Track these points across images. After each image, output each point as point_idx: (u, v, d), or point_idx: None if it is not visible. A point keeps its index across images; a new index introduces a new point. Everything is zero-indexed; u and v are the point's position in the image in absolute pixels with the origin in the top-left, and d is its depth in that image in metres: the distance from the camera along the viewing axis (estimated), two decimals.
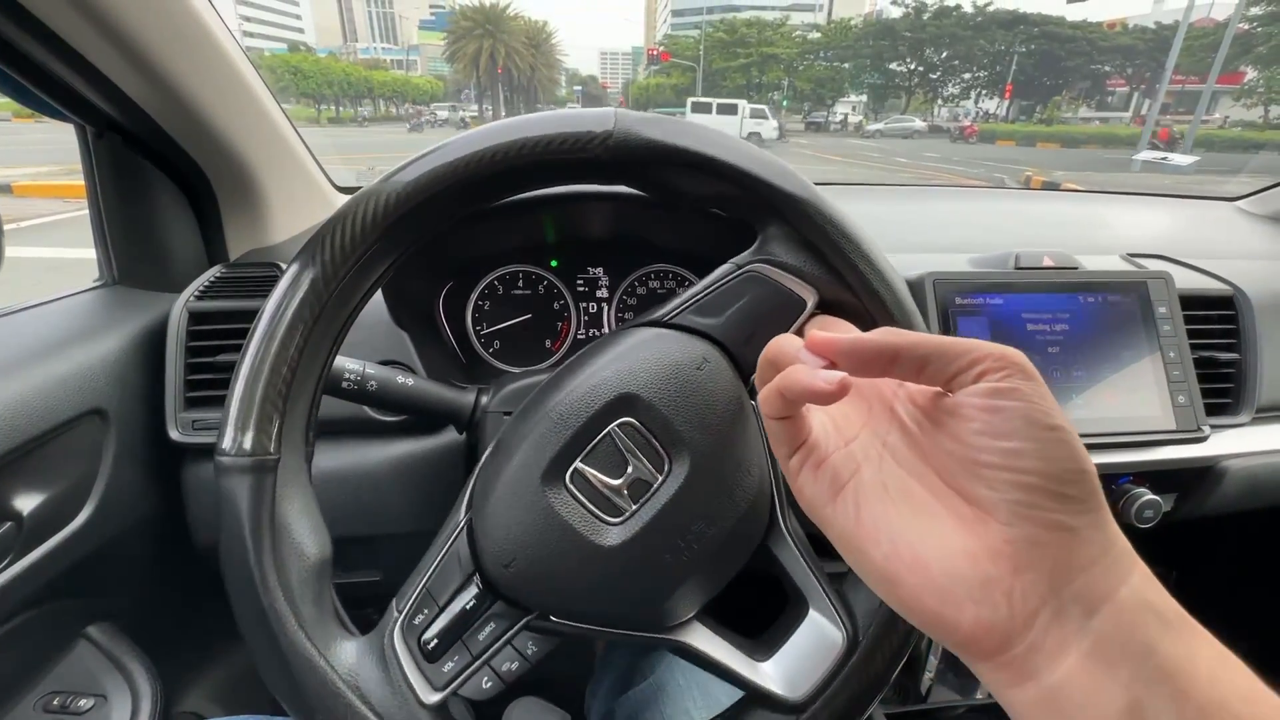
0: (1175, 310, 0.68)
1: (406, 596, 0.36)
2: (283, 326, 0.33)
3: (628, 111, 0.36)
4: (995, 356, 0.23)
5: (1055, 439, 0.22)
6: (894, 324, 0.36)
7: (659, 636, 0.36)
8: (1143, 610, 0.20)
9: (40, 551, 0.51)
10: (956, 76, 41.37)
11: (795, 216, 0.35)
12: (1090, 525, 0.21)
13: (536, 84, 54.91)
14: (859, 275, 0.36)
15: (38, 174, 5.62)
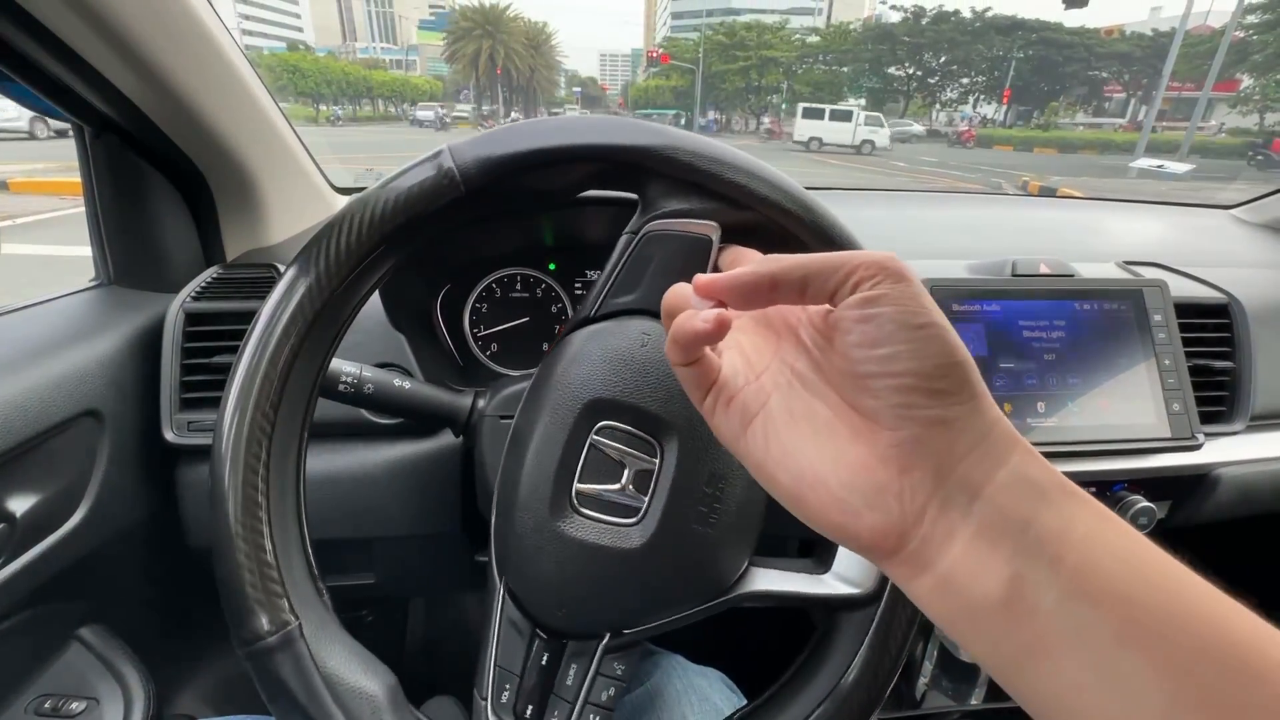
0: (1170, 318, 0.69)
1: (484, 680, 0.36)
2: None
3: (456, 143, 0.35)
4: (866, 264, 0.24)
5: (924, 337, 0.22)
6: (803, 227, 0.36)
7: (727, 599, 0.37)
8: (1021, 487, 0.21)
9: (33, 553, 0.51)
10: (955, 81, 41.52)
11: (662, 165, 0.35)
12: (967, 414, 0.22)
13: (536, 85, 54.93)
14: (744, 190, 0.36)
15: (34, 171, 5.60)
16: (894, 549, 0.23)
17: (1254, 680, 0.17)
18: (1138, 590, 0.19)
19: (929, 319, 0.23)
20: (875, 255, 0.24)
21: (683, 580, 0.36)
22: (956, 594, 0.21)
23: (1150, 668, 0.18)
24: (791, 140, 22.20)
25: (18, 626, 0.53)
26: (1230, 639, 0.17)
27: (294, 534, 0.34)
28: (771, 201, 0.36)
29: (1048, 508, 0.21)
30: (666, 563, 0.35)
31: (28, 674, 0.55)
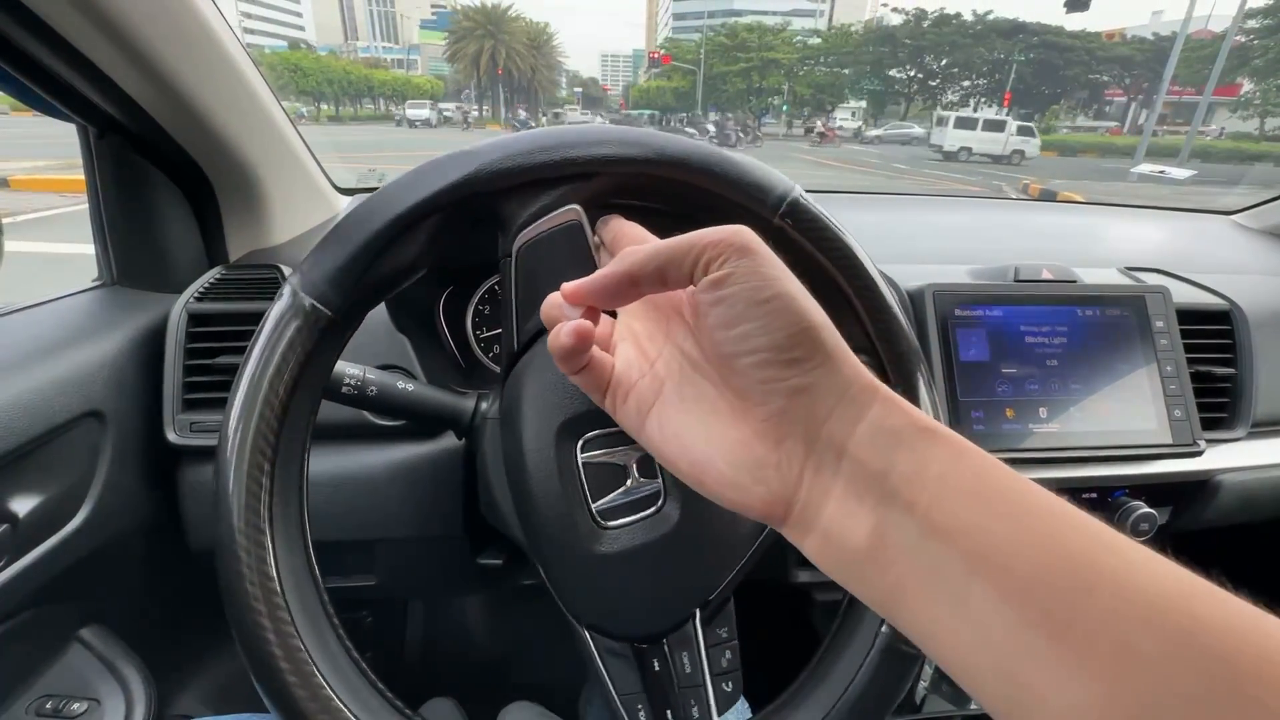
0: (1172, 324, 0.69)
1: (619, 716, 0.37)
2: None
3: (301, 268, 0.34)
4: (713, 243, 0.24)
5: (773, 309, 0.23)
6: (670, 168, 0.35)
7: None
8: (879, 437, 0.22)
9: (35, 554, 0.51)
10: (956, 84, 41.55)
11: (493, 182, 0.34)
12: (824, 376, 0.23)
13: (537, 85, 54.96)
14: (582, 161, 0.35)
15: (35, 168, 5.59)
16: (784, 516, 0.24)
17: (1084, 594, 0.17)
18: (984, 522, 0.19)
19: (774, 291, 0.23)
20: (721, 232, 0.24)
21: (732, 525, 0.36)
22: (835, 548, 0.22)
23: (996, 595, 0.18)
24: (942, 150, 20.86)
25: (20, 627, 0.53)
26: (1066, 557, 0.18)
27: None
28: (617, 158, 0.35)
29: (905, 453, 0.21)
30: (709, 520, 0.35)
31: (29, 674, 0.55)
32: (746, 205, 0.35)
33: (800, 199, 0.35)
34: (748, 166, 0.36)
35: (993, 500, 0.20)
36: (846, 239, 0.36)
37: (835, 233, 0.36)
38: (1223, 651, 0.15)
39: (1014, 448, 0.65)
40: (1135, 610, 0.16)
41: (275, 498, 0.33)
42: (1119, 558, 0.18)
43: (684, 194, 0.36)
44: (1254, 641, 0.15)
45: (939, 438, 0.21)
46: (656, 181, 0.36)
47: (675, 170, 0.35)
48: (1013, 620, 0.18)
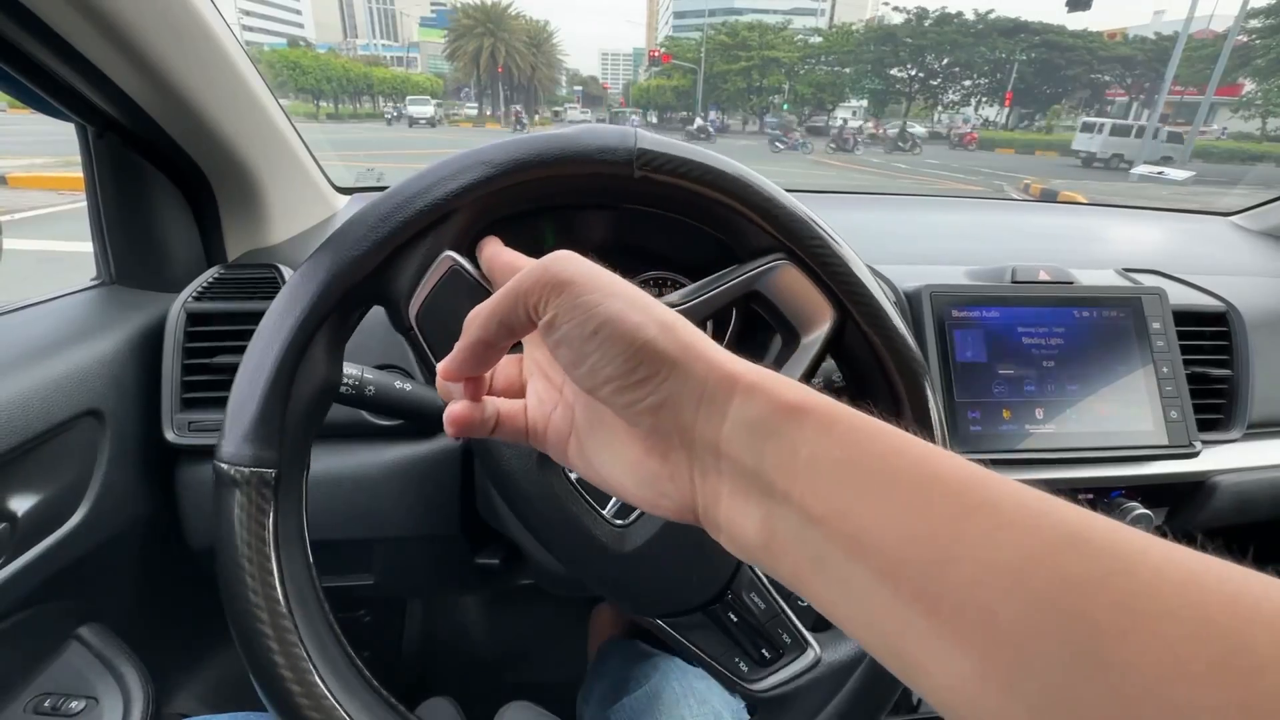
0: (1169, 326, 0.69)
1: (730, 674, 0.39)
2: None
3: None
4: (530, 289, 0.24)
5: (605, 338, 0.23)
6: (521, 177, 0.35)
7: None
8: (744, 432, 0.21)
9: (34, 553, 0.51)
10: (957, 83, 41.51)
11: (353, 275, 0.34)
12: (676, 384, 0.22)
13: (536, 84, 54.88)
14: (425, 207, 0.34)
15: (32, 166, 5.58)
16: (696, 520, 0.24)
17: (950, 566, 0.17)
18: (854, 503, 0.19)
19: (599, 320, 0.23)
20: (534, 274, 0.24)
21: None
22: (739, 543, 0.22)
23: (873, 575, 0.18)
24: (1094, 156, 19.37)
25: (18, 625, 0.53)
26: (930, 530, 0.18)
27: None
28: (462, 189, 0.35)
29: (773, 441, 0.21)
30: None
31: (27, 673, 0.55)
32: (603, 173, 0.35)
33: (647, 145, 0.35)
34: (581, 139, 0.35)
35: (862, 476, 0.19)
36: (705, 160, 0.36)
37: (692, 159, 0.36)
38: (1084, 609, 0.15)
39: (1010, 449, 0.65)
40: (997, 578, 0.16)
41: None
42: (986, 520, 0.17)
43: (547, 189, 0.36)
44: (1116, 587, 0.15)
45: (806, 415, 0.21)
46: (513, 190, 0.35)
47: (517, 175, 0.35)
48: (890, 599, 0.18)
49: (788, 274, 0.37)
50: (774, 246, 0.37)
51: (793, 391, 0.21)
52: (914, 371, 0.38)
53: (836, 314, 0.37)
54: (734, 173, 0.36)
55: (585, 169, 0.35)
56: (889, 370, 0.38)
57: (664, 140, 0.36)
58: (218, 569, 0.32)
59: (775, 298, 0.37)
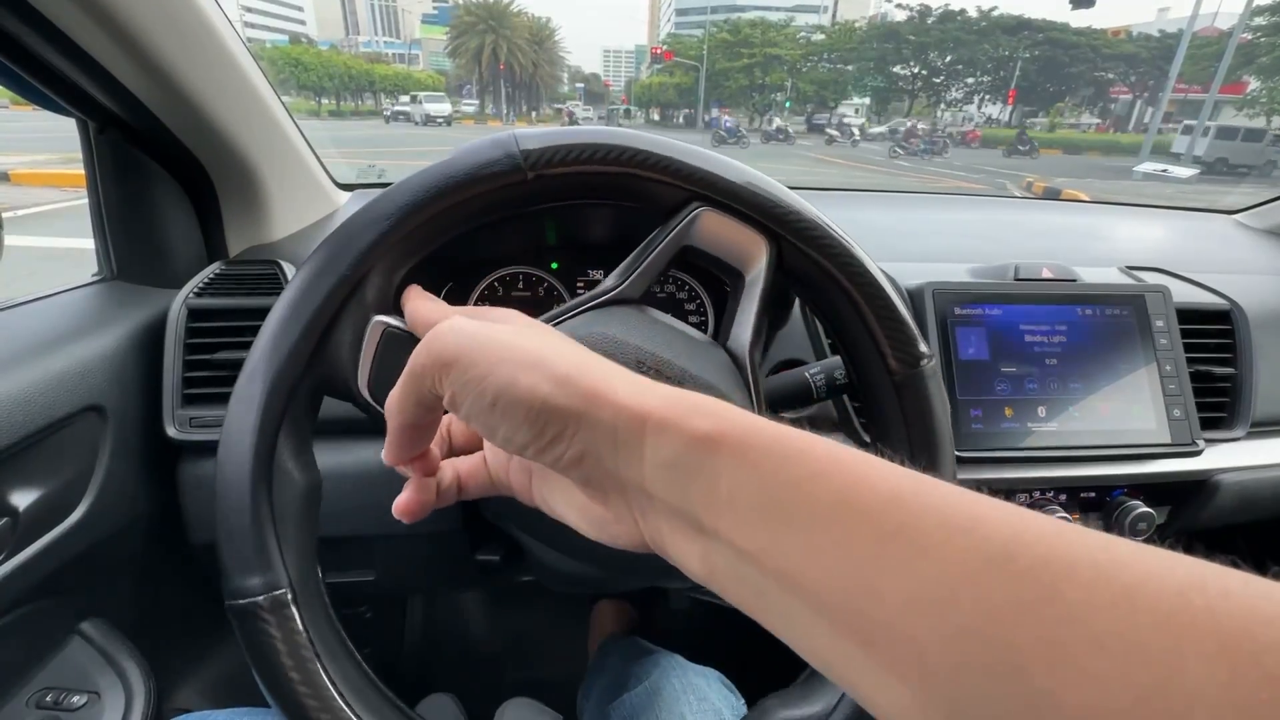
0: (1172, 324, 0.69)
1: None
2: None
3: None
4: (420, 373, 0.24)
5: (503, 408, 0.23)
6: (394, 220, 0.35)
7: None
8: (664, 474, 0.21)
9: (35, 547, 0.51)
10: (960, 81, 41.39)
11: (292, 377, 0.34)
12: (587, 436, 0.22)
13: (538, 81, 54.79)
14: (328, 297, 0.34)
15: (35, 162, 5.59)
16: (652, 553, 0.24)
17: (876, 601, 0.17)
18: (779, 540, 0.19)
19: (493, 391, 0.23)
20: (422, 354, 0.24)
21: None
22: (690, 576, 0.22)
23: (810, 611, 0.18)
24: (1198, 160, 17.56)
25: (20, 620, 0.53)
26: (854, 565, 0.17)
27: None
28: (370, 248, 0.34)
29: (692, 479, 0.21)
30: None
31: (29, 667, 0.56)
32: (499, 185, 0.35)
33: (530, 145, 0.35)
34: (460, 163, 0.35)
35: (781, 510, 0.19)
36: (590, 139, 0.36)
37: (575, 142, 0.36)
38: (1010, 639, 0.14)
39: (1013, 447, 0.65)
40: (921, 611, 0.16)
41: (305, 615, 0.33)
42: (906, 546, 0.17)
43: (451, 221, 0.36)
44: (1040, 616, 0.14)
45: (720, 448, 0.20)
46: (417, 234, 0.35)
47: (411, 222, 0.35)
48: (829, 632, 0.18)
49: (709, 219, 0.37)
50: (688, 198, 0.37)
51: (705, 422, 0.21)
52: (859, 272, 0.37)
53: (769, 241, 0.37)
54: (621, 142, 0.36)
55: (477, 189, 0.35)
56: (839, 280, 0.37)
57: (544, 133, 0.36)
58: (269, 694, 0.32)
59: (706, 245, 0.38)
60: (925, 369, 0.38)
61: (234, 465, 0.33)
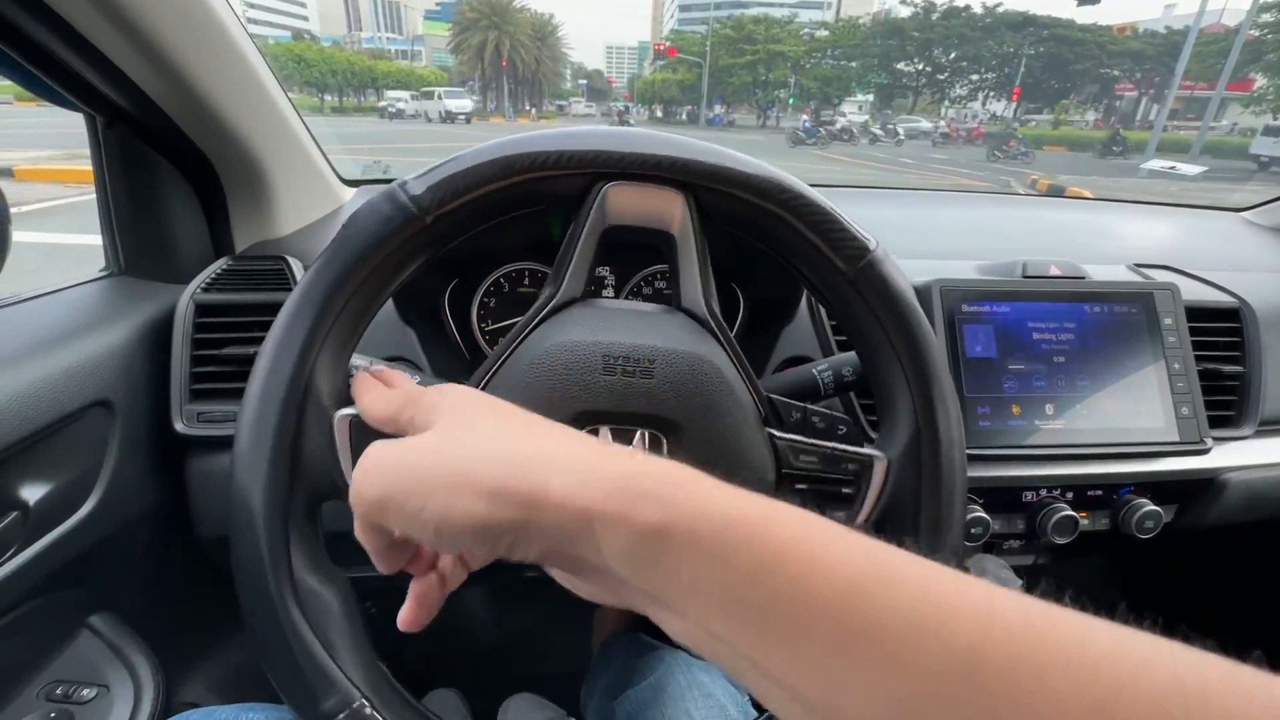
0: (1181, 322, 0.68)
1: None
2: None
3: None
4: (366, 514, 0.25)
5: (451, 537, 0.23)
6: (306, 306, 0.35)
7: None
8: (624, 559, 0.21)
9: (45, 541, 0.51)
10: (964, 78, 41.20)
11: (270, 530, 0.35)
12: (540, 537, 0.22)
13: (541, 78, 54.68)
14: (281, 409, 0.35)
15: (39, 158, 5.60)
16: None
17: (841, 701, 0.17)
18: (742, 630, 0.19)
19: (432, 528, 0.23)
20: (359, 503, 0.25)
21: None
22: (680, 641, 0.22)
23: (784, 693, 0.18)
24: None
25: (30, 614, 0.53)
26: (812, 661, 0.17)
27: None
28: (301, 351, 0.35)
29: (655, 569, 0.20)
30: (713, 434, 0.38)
31: (39, 661, 0.56)
32: (403, 243, 0.36)
33: (416, 191, 0.35)
34: (358, 225, 0.35)
35: (743, 605, 0.19)
36: (465, 164, 0.36)
37: (452, 173, 0.35)
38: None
39: (1020, 444, 0.65)
40: (886, 700, 0.16)
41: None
42: (868, 652, 0.17)
43: (379, 284, 0.36)
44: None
45: (670, 538, 0.20)
46: (353, 307, 0.36)
47: (340, 299, 0.35)
48: (805, 716, 0.18)
49: (616, 194, 0.37)
50: (586, 184, 0.37)
51: (653, 511, 0.20)
52: (778, 189, 0.37)
53: (683, 193, 0.37)
54: (504, 153, 0.36)
55: (387, 250, 0.35)
56: (764, 206, 0.37)
57: (426, 174, 0.36)
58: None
59: (624, 218, 0.37)
60: (874, 256, 0.38)
61: (258, 597, 0.33)
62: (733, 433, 0.36)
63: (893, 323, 0.38)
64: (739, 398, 0.37)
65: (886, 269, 0.38)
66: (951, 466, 0.37)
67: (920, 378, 0.38)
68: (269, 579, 0.33)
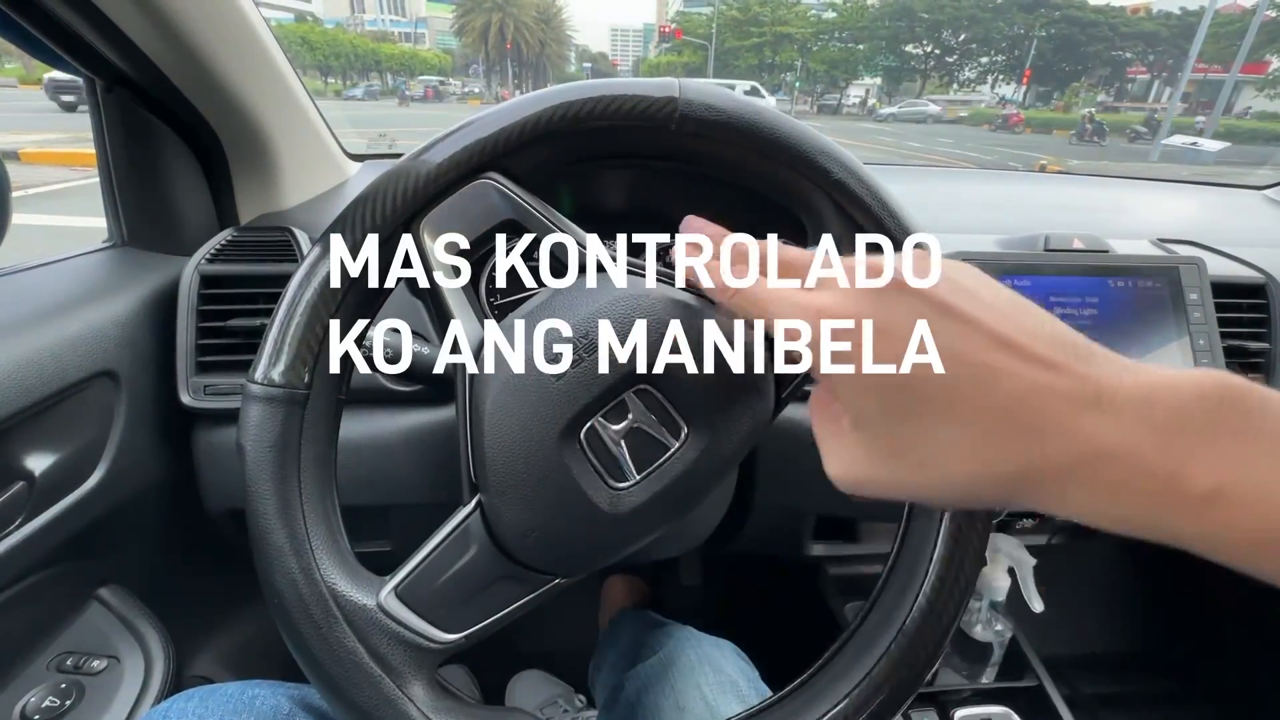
0: (1206, 297, 0.67)
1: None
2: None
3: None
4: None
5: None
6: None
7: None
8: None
9: (52, 512, 0.51)
10: (974, 60, 40.58)
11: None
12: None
13: (546, 60, 54.16)
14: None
15: (45, 141, 5.59)
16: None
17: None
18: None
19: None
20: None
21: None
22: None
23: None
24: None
25: (38, 585, 0.53)
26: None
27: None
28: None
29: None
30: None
31: (49, 632, 0.56)
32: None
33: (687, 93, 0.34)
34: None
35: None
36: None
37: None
38: None
39: None
40: None
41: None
42: None
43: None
44: None
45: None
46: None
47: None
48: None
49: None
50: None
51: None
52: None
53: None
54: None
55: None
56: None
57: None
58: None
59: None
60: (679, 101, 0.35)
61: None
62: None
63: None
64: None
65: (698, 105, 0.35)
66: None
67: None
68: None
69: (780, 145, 0.34)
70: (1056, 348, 0.22)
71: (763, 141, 0.34)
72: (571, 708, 0.95)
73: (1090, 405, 0.20)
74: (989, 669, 0.82)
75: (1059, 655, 0.95)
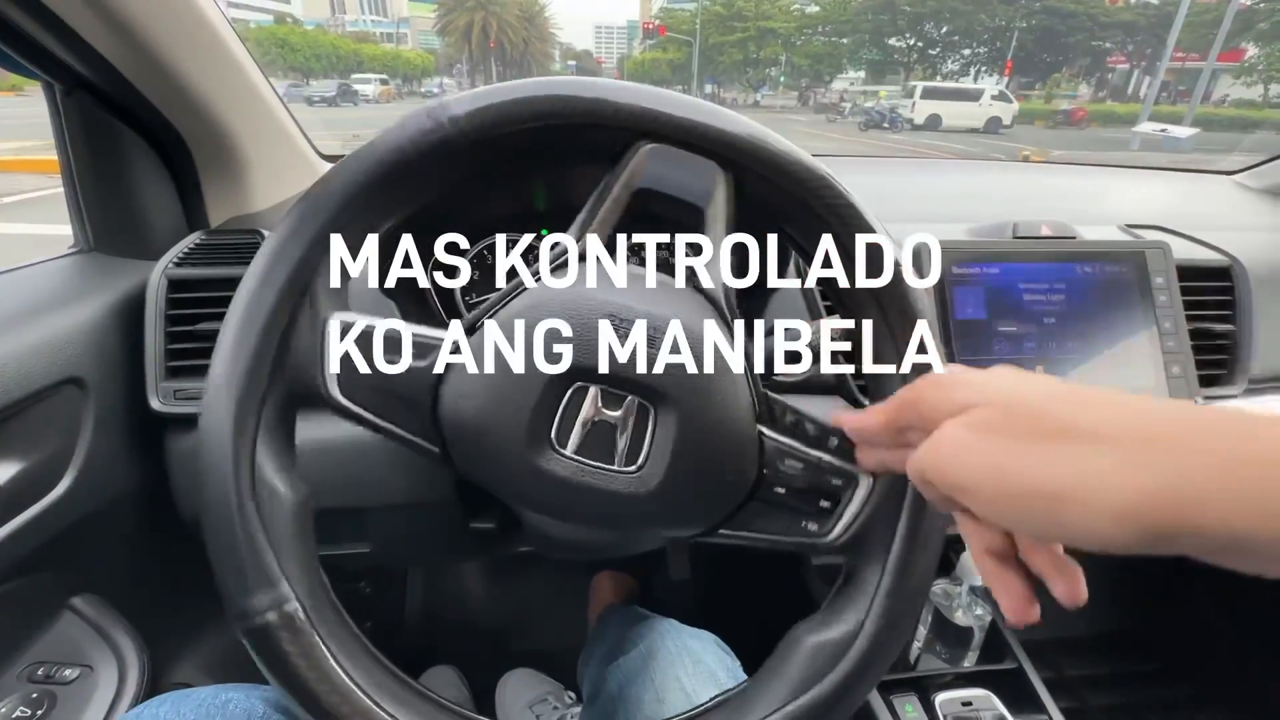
0: (1172, 280, 0.68)
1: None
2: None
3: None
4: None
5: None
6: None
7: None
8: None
9: (18, 522, 0.50)
10: (956, 53, 40.76)
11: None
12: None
13: (530, 58, 53.86)
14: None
15: (21, 149, 5.49)
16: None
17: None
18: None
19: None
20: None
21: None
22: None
23: None
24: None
25: (8, 595, 0.52)
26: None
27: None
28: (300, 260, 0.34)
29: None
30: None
31: (20, 642, 0.55)
32: (441, 159, 0.34)
33: (456, 109, 0.33)
34: (401, 124, 0.34)
35: None
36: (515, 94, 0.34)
37: (515, 95, 0.33)
38: None
39: None
40: None
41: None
42: None
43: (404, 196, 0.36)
44: None
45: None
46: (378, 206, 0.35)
47: (365, 188, 0.34)
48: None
49: (655, 154, 0.35)
50: (628, 139, 0.35)
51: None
52: (805, 178, 0.35)
53: (724, 169, 0.35)
54: (546, 92, 0.34)
55: (417, 157, 0.34)
56: (800, 195, 0.35)
57: (470, 97, 0.34)
58: (304, 710, 0.32)
59: (658, 183, 0.35)
60: (900, 273, 0.37)
61: (217, 484, 0.32)
62: (726, 421, 0.35)
63: (897, 313, 0.37)
64: (739, 388, 0.36)
65: (909, 289, 0.37)
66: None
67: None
68: (230, 463, 0.32)
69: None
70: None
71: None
72: (561, 704, 0.95)
73: None
74: (970, 653, 0.83)
75: (1039, 638, 0.96)
